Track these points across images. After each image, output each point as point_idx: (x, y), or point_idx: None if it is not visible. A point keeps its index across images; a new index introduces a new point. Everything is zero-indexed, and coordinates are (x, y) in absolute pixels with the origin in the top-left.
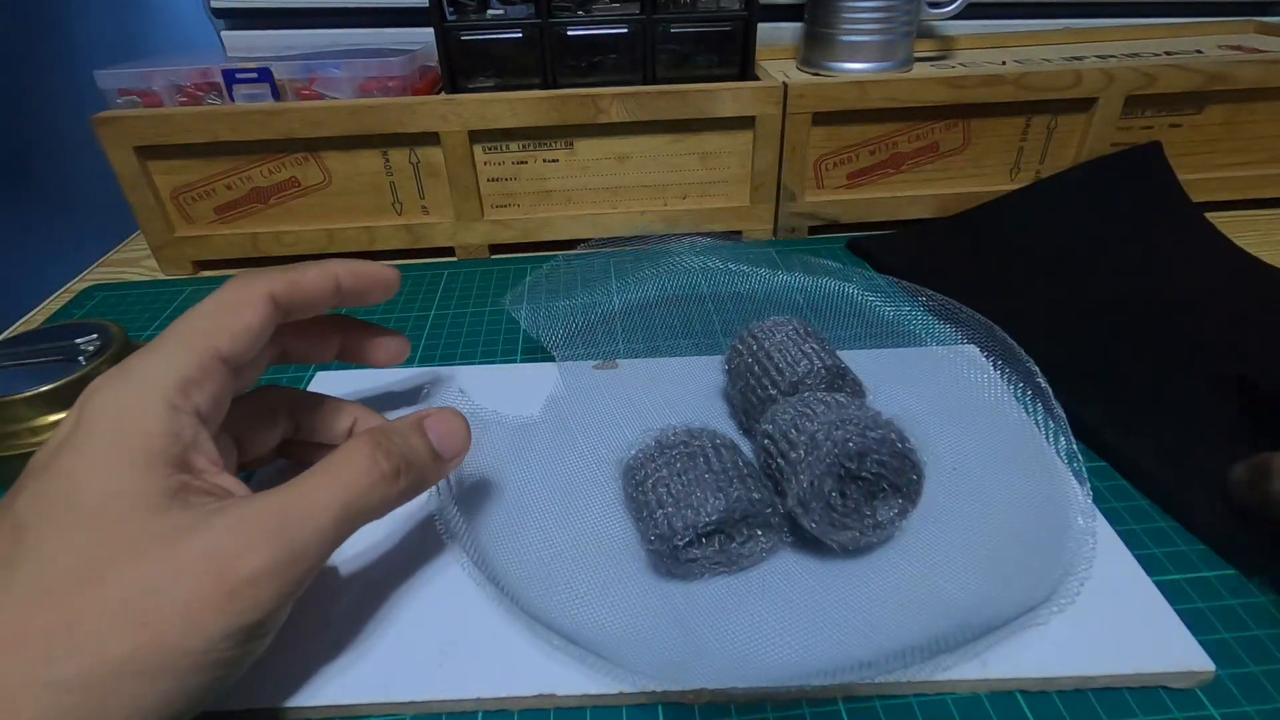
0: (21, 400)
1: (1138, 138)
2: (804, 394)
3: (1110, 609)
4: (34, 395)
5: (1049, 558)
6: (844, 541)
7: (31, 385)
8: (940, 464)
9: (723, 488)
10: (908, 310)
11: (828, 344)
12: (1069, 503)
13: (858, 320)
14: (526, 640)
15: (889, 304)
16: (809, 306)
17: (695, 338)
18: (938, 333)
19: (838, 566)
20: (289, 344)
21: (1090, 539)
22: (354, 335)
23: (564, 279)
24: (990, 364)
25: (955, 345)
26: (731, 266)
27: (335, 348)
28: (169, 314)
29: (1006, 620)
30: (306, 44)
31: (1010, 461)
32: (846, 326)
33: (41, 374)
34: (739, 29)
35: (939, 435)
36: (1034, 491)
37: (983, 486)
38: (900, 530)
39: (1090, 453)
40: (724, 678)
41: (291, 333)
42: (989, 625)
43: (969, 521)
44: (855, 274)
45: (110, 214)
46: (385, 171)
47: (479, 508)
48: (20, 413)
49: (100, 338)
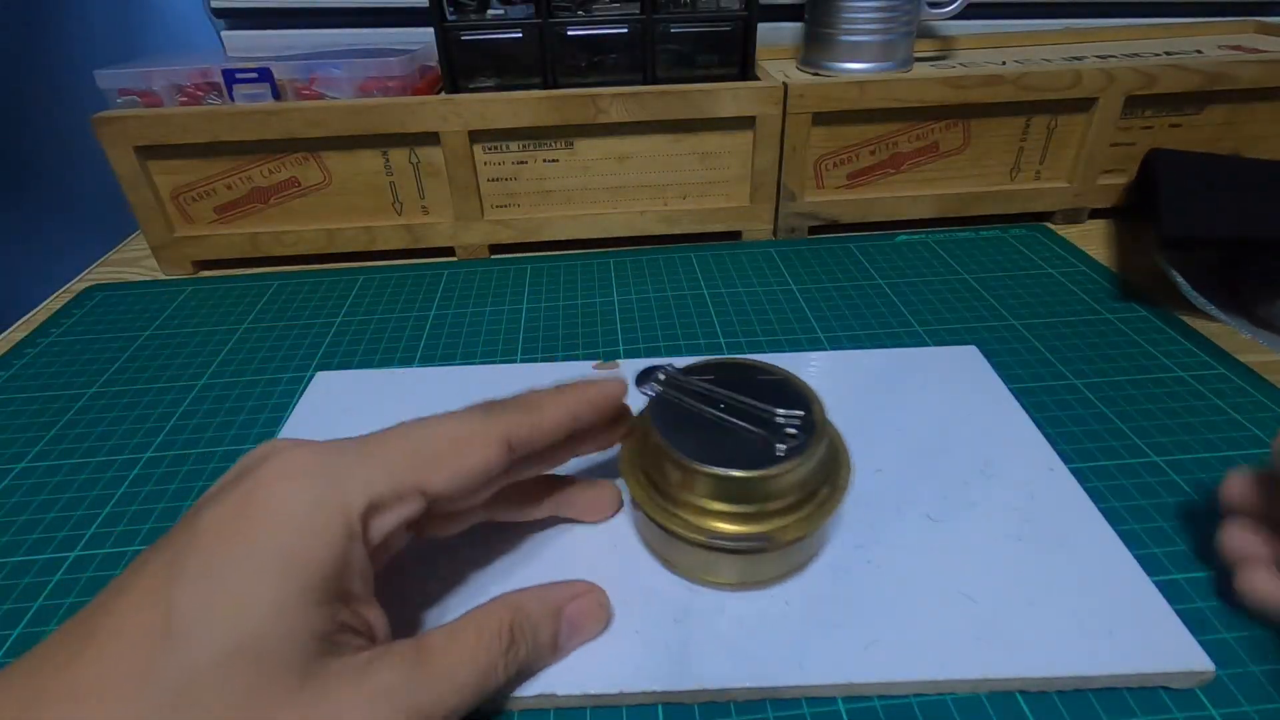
0: (703, 473)
1: (1138, 138)
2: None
3: (1110, 609)
4: (713, 475)
5: (1049, 557)
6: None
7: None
8: (941, 464)
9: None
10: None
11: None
12: (1068, 500)
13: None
14: None
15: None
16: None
17: (695, 338)
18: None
19: (839, 566)
20: (499, 501)
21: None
22: (565, 491)
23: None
24: (990, 364)
25: (955, 345)
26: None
27: (546, 508)
28: (169, 314)
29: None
30: (306, 44)
31: (1011, 461)
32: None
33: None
34: (739, 29)
35: (939, 435)
36: (1034, 491)
37: (983, 486)
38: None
39: (1089, 451)
40: (724, 678)
41: (509, 490)
42: (992, 625)
43: (970, 522)
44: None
45: (110, 214)
46: (385, 171)
47: None
48: (695, 483)
49: (806, 417)
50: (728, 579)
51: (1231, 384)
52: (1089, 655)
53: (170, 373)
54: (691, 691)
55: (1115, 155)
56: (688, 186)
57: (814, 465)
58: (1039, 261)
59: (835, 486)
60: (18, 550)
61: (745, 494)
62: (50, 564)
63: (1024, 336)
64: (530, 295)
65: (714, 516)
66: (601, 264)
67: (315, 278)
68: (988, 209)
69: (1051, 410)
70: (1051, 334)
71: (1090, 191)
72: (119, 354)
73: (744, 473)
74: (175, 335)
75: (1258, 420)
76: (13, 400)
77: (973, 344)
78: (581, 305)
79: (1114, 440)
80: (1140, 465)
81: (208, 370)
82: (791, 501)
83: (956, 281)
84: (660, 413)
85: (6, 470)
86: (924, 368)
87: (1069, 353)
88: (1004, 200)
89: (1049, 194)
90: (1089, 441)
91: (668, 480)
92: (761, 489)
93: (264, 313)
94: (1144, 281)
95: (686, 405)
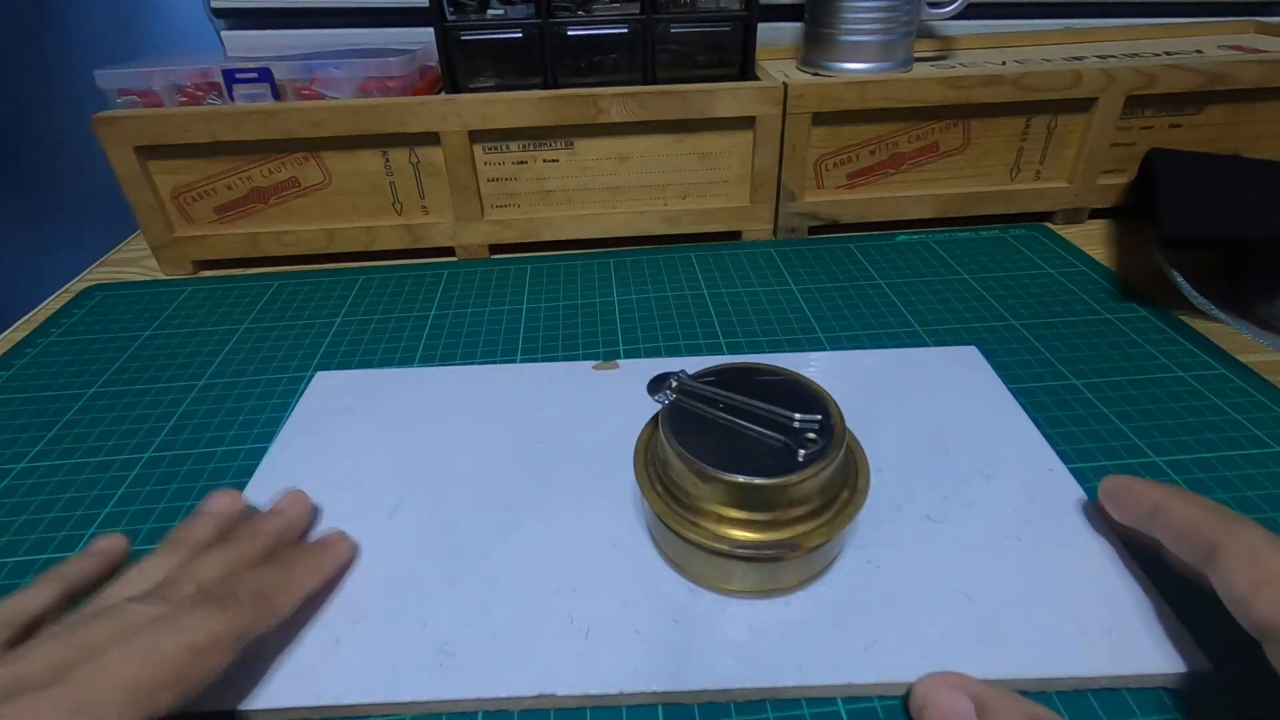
0: (723, 481)
1: (1138, 138)
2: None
3: (1110, 609)
4: (735, 484)
5: (1049, 557)
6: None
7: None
8: (941, 464)
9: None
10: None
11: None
12: (1068, 500)
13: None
14: (526, 640)
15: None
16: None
17: (695, 338)
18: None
19: (839, 567)
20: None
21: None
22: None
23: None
24: (990, 364)
25: (955, 345)
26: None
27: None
28: (169, 314)
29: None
30: (306, 44)
31: (1010, 461)
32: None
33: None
34: (739, 29)
35: (939, 435)
36: (1034, 491)
37: (983, 486)
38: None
39: (1089, 451)
40: (724, 678)
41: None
42: (992, 625)
43: (969, 522)
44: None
45: (110, 214)
46: (385, 171)
47: (477, 504)
48: (715, 491)
49: (824, 421)
50: (747, 586)
51: (1231, 384)
52: (1089, 655)
53: (170, 373)
54: (692, 692)
55: (1115, 155)
56: (688, 186)
57: (834, 470)
58: (1039, 261)
59: (855, 490)
60: (18, 550)
61: (767, 501)
62: (50, 564)
63: (1024, 336)
64: (530, 295)
65: (735, 525)
66: (601, 264)
67: (315, 278)
68: (988, 209)
69: (1051, 410)
70: (1051, 334)
71: (1090, 191)
72: (119, 354)
73: (766, 480)
74: (175, 335)
75: (1258, 420)
76: (13, 400)
77: (973, 344)
78: (581, 305)
79: (1114, 440)
80: (1140, 465)
81: (208, 370)
82: (814, 507)
83: (956, 281)
84: (675, 420)
85: (6, 470)
86: (924, 368)
87: (1069, 353)
88: (1004, 200)
89: (1049, 194)
90: (1089, 441)
91: (686, 489)
92: (784, 496)
93: (264, 313)
94: (1144, 281)
95: (701, 411)
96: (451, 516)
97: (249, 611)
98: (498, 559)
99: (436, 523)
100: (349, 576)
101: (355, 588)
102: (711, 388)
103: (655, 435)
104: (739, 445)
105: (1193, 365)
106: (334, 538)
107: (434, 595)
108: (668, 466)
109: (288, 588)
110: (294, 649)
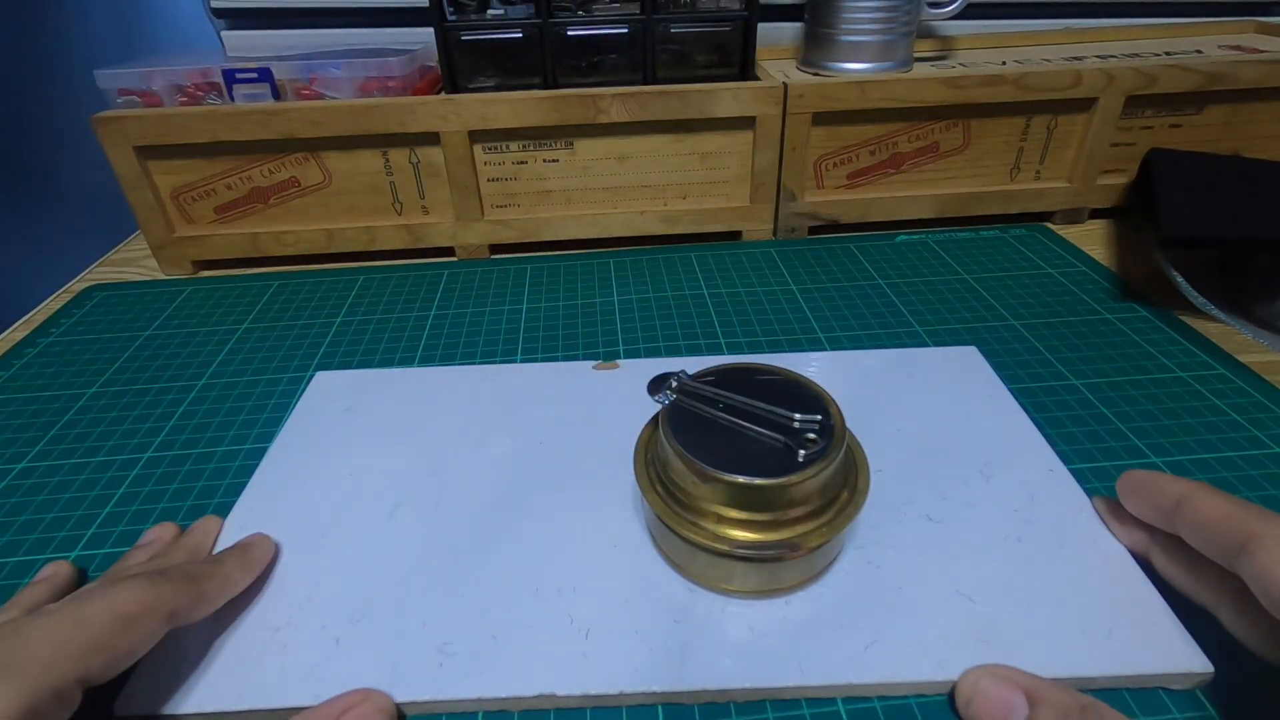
0: (724, 482)
1: (1138, 138)
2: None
3: (1110, 610)
4: (735, 484)
5: (1049, 557)
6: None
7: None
8: (940, 464)
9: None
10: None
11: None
12: (1068, 501)
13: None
14: (527, 640)
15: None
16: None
17: (695, 338)
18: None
19: (839, 567)
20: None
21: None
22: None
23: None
24: (989, 364)
25: (955, 345)
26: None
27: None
28: (169, 314)
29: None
30: (306, 44)
31: (1010, 461)
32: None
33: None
34: (739, 29)
35: (939, 435)
36: (1034, 491)
37: (982, 487)
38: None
39: (1089, 451)
40: (724, 678)
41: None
42: (992, 626)
43: (969, 522)
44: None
45: (110, 214)
46: (385, 171)
47: (477, 504)
48: (716, 492)
49: (824, 421)
50: (747, 587)
51: (1231, 384)
52: (1088, 655)
53: (170, 373)
54: (691, 692)
55: (1115, 155)
56: (688, 186)
57: (835, 470)
58: (1039, 261)
59: (855, 490)
60: (18, 550)
61: (768, 502)
62: (50, 565)
63: (1024, 336)
64: (530, 295)
65: (735, 525)
66: (601, 264)
67: (315, 278)
68: (988, 209)
69: (1051, 410)
70: (1051, 334)
71: (1090, 191)
72: (119, 354)
73: (767, 480)
74: (175, 335)
75: (1258, 420)
76: (13, 400)
77: (973, 344)
78: (581, 305)
79: (1114, 440)
80: (1140, 466)
81: (208, 370)
82: (814, 508)
83: (956, 281)
84: (675, 420)
85: (6, 470)
86: (924, 368)
87: (1069, 353)
88: (1004, 200)
89: (1049, 194)
90: (1089, 442)
91: (686, 489)
92: (784, 496)
93: (264, 313)
94: (1144, 281)
95: (701, 412)
96: (451, 516)
97: (176, 589)
98: (498, 559)
99: (436, 523)
100: (349, 576)
101: (355, 588)
102: (711, 388)
103: (655, 435)
104: (739, 445)
105: (1193, 365)
106: (255, 538)
107: (434, 595)
108: (668, 466)
109: (214, 575)
110: (294, 649)
